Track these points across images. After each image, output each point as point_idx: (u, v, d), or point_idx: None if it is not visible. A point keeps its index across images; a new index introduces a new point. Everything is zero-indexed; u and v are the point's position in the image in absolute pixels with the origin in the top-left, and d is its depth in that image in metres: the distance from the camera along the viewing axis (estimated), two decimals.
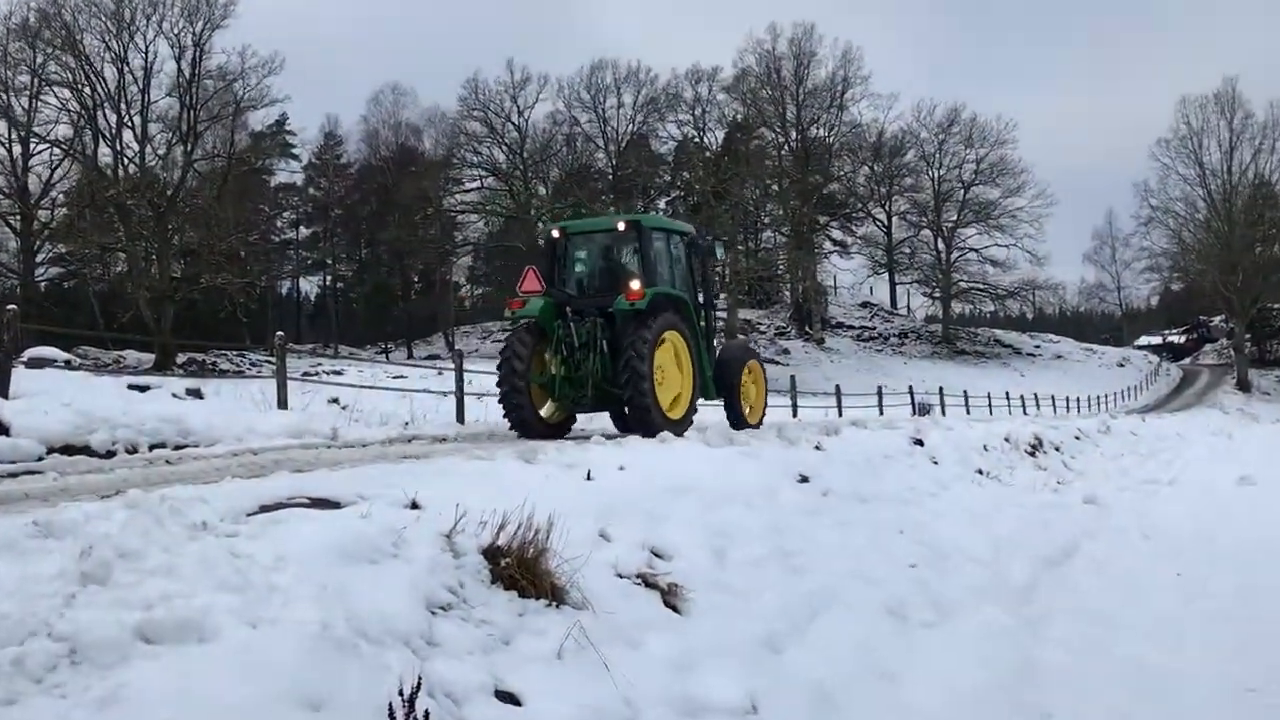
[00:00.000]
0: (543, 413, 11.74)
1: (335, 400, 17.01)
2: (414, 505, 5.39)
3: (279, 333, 12.74)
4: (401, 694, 3.58)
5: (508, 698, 4.16)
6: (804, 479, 9.23)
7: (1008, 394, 41.94)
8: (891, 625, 6.57)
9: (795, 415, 21.80)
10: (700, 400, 12.26)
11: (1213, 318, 77.51)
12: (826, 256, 69.92)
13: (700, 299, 12.83)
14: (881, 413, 28.61)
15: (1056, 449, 18.86)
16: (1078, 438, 21.39)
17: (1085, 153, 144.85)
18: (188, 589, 3.83)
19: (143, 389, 13.84)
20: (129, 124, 45.00)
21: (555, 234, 12.50)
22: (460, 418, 14.17)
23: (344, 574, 4.31)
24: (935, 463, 12.86)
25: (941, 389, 34.33)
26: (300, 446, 9.18)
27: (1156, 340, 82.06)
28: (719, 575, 6.23)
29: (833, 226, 70.08)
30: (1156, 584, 8.68)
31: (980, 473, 13.58)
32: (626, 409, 11.34)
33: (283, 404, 12.01)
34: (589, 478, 7.09)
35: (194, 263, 43.57)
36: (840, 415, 25.34)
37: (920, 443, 13.49)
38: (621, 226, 12.28)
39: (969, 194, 69.38)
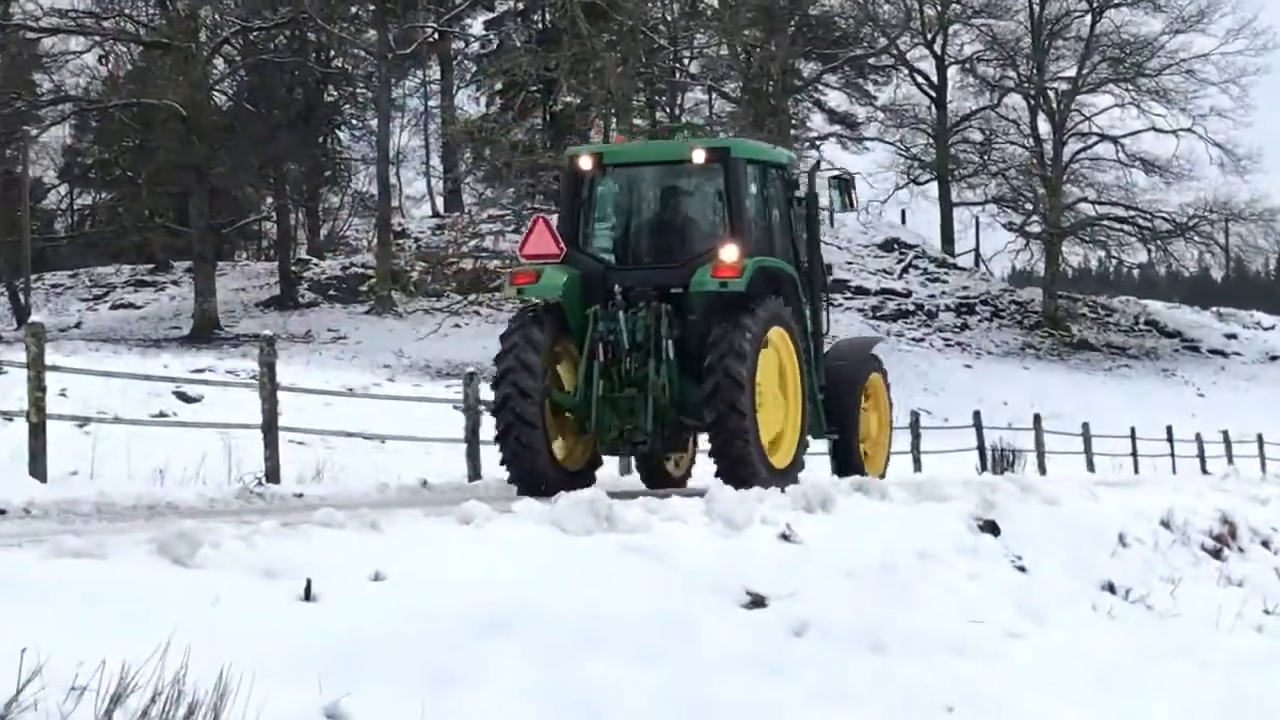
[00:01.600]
0: (557, 451, 13.74)
1: None
2: None
3: None
4: None
5: None
6: (756, 601, 9.34)
7: (1170, 430, 43.22)
8: None
9: None
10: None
11: None
12: (814, 145, 70.78)
13: (806, 273, 15.29)
14: (919, 466, 28.95)
15: (1265, 544, 19.32)
16: None
17: None
18: None
19: None
20: None
21: (585, 163, 14.49)
22: (38, 469, 13.97)
23: None
24: (1022, 569, 13.10)
25: (1038, 419, 35.02)
26: None
27: None
28: None
29: (828, 84, 70.87)
30: None
31: (1111, 590, 13.87)
32: (716, 452, 13.65)
33: None
34: (308, 597, 7.05)
35: None
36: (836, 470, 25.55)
37: (993, 528, 13.74)
38: (700, 157, 14.21)
39: (1100, 25, 71.15)
